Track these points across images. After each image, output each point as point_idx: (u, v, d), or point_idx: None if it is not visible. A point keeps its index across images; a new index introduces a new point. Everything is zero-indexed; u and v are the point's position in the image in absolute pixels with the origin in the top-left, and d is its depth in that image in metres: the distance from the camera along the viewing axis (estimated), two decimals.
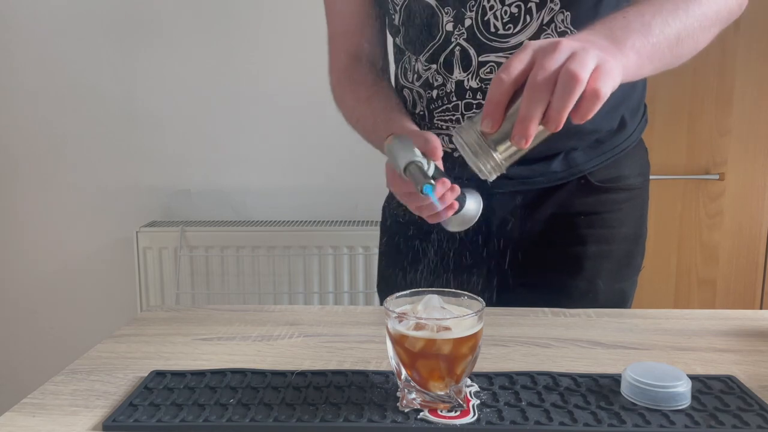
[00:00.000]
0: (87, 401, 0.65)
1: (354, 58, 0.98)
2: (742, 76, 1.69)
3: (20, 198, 2.07)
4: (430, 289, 0.65)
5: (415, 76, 0.93)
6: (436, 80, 0.90)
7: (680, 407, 0.61)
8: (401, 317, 0.61)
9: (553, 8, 0.83)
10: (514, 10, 0.83)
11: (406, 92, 0.97)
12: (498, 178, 0.77)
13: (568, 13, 0.84)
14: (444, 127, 0.92)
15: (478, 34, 0.85)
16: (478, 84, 0.86)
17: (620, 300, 0.99)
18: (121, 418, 0.60)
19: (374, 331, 0.84)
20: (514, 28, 0.84)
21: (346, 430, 0.59)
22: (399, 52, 0.98)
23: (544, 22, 0.84)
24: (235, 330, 0.85)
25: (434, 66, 0.89)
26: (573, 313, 0.91)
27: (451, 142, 0.91)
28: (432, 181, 0.68)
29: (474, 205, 0.77)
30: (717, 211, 1.75)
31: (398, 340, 0.61)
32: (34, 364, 2.11)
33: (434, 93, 0.91)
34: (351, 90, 0.95)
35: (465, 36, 0.85)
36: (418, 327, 0.60)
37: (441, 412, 0.61)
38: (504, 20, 0.83)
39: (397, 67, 1.00)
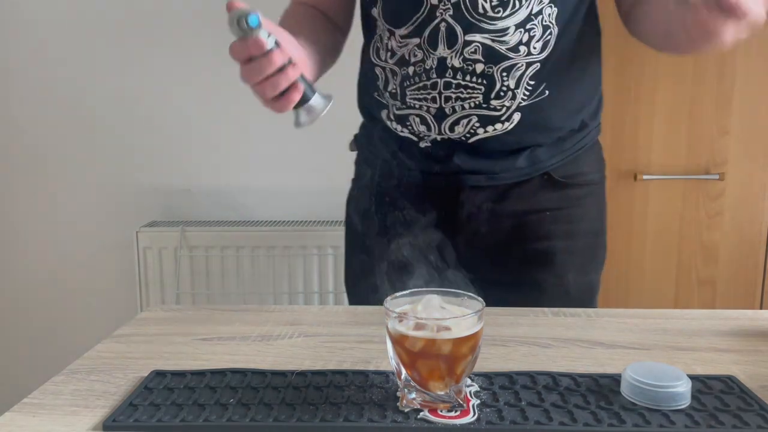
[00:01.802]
0: (87, 401, 0.65)
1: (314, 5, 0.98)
2: (742, 76, 1.69)
3: (20, 198, 2.07)
4: (429, 289, 0.66)
5: (389, 53, 0.91)
6: (415, 56, 0.88)
7: (680, 407, 0.61)
8: (401, 317, 0.61)
9: (542, 0, 0.84)
10: None
11: (378, 70, 0.95)
12: (466, 173, 0.84)
13: (555, 9, 0.85)
14: (417, 106, 0.90)
15: (465, 13, 0.84)
16: (460, 63, 0.85)
17: (589, 294, 1.01)
18: (121, 418, 0.60)
19: (374, 331, 0.84)
20: (503, 12, 0.84)
21: (346, 430, 0.59)
22: (370, 31, 0.96)
23: (533, 12, 0.84)
24: (235, 330, 0.85)
25: (416, 40, 0.87)
26: (573, 313, 0.91)
27: (422, 123, 0.91)
28: (258, 12, 0.67)
29: (322, 99, 0.76)
30: (717, 211, 1.75)
31: (398, 340, 0.61)
32: (34, 364, 2.11)
33: (410, 69, 0.89)
34: (289, 14, 0.95)
35: (451, 12, 0.84)
36: (418, 327, 0.60)
37: (441, 412, 0.61)
38: (493, 2, 0.83)
39: (368, 46, 0.97)
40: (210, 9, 1.91)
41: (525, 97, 0.87)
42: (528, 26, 0.85)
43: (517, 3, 0.84)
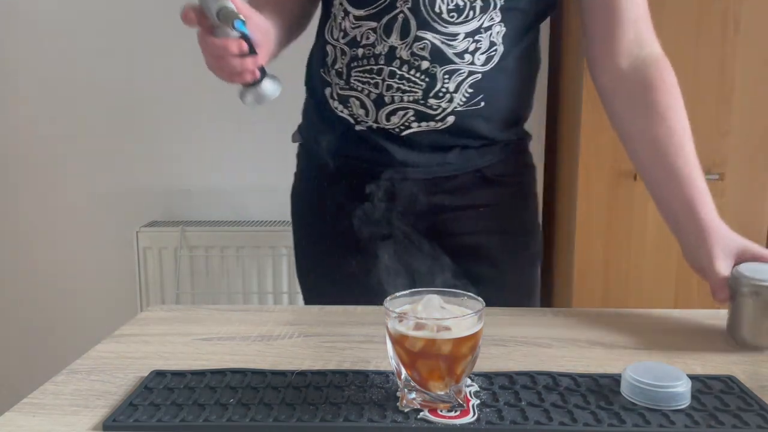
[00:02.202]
0: (87, 401, 0.65)
1: None
2: (742, 76, 1.69)
3: (20, 198, 2.07)
4: (429, 289, 0.66)
5: (341, 33, 0.94)
6: (367, 38, 0.91)
7: (680, 407, 0.61)
8: (401, 317, 0.61)
9: (493, 17, 0.89)
10: (460, 2, 0.87)
11: (329, 48, 0.97)
12: (399, 164, 0.92)
13: (504, 29, 0.90)
14: (359, 89, 0.93)
15: (423, 9, 0.87)
16: (408, 57, 0.89)
17: (527, 288, 1.04)
18: (121, 418, 0.60)
19: (374, 331, 0.84)
20: (456, 18, 0.88)
21: (346, 430, 0.59)
22: (327, 9, 0.98)
23: (484, 25, 0.89)
24: (235, 330, 0.85)
25: (371, 24, 0.90)
26: (573, 313, 0.91)
27: (361, 106, 0.93)
28: (243, 18, 0.72)
29: (273, 84, 0.80)
30: (717, 211, 1.75)
31: (398, 340, 0.61)
32: (34, 364, 2.11)
33: (359, 51, 0.92)
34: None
35: (410, 5, 0.88)
36: (418, 327, 0.60)
37: (441, 411, 0.61)
38: (449, 6, 0.87)
39: (323, 24, 0.99)
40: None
41: (461, 103, 0.91)
42: (477, 37, 0.89)
43: (471, 13, 0.88)
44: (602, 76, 0.94)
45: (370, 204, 0.96)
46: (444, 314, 0.62)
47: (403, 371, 0.61)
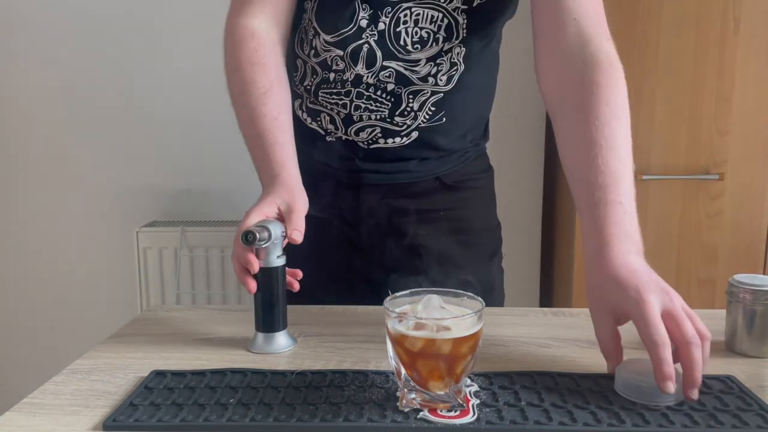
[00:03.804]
0: (87, 401, 0.65)
1: (262, 13, 0.91)
2: (742, 76, 1.69)
3: (20, 198, 2.07)
4: (429, 289, 0.66)
5: (312, 51, 0.96)
6: (337, 65, 0.94)
7: (672, 403, 0.61)
8: (401, 317, 0.61)
9: (453, 41, 0.92)
10: (425, 34, 0.90)
11: (299, 62, 0.99)
12: (364, 171, 0.98)
13: (464, 49, 0.93)
14: (328, 107, 0.97)
15: (388, 42, 0.91)
16: (374, 81, 0.93)
17: (488, 287, 1.05)
18: (121, 417, 0.60)
19: (374, 331, 0.84)
20: (420, 49, 0.91)
21: (346, 429, 0.59)
22: (298, 18, 0.96)
23: (444, 49, 0.92)
24: (235, 330, 0.85)
25: (339, 52, 0.93)
26: (573, 313, 0.91)
27: (331, 122, 0.97)
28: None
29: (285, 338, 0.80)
30: (717, 211, 1.74)
31: (398, 340, 0.61)
32: (34, 364, 2.11)
33: (331, 75, 0.95)
34: (247, 71, 0.89)
35: (376, 38, 0.91)
36: (418, 327, 0.60)
37: (441, 411, 0.61)
38: (413, 39, 0.91)
39: (293, 34, 0.99)
40: (211, 10, 1.91)
41: (425, 120, 0.96)
42: (438, 60, 0.92)
43: (434, 44, 0.91)
44: (546, 81, 0.86)
45: (334, 208, 1.00)
46: (444, 314, 0.62)
47: (403, 371, 0.61)
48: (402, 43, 0.91)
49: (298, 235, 0.76)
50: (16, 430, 0.60)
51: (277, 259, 0.77)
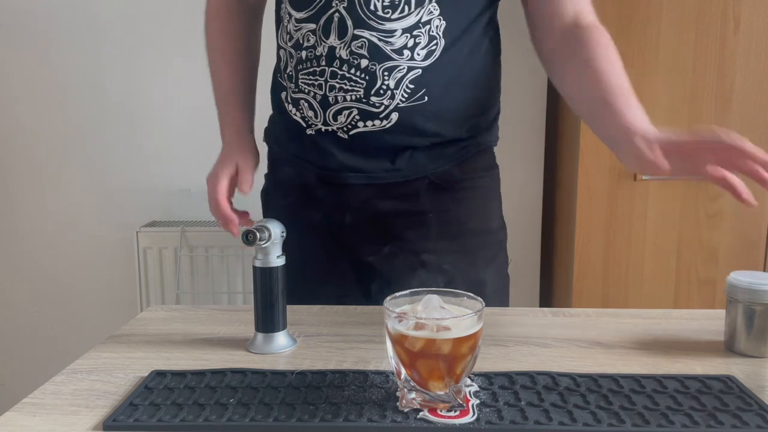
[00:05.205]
0: (87, 401, 0.65)
1: None
2: (742, 76, 1.69)
3: (20, 198, 2.07)
4: (429, 289, 0.66)
5: (288, 36, 0.95)
6: (308, 41, 0.92)
7: None
8: (401, 317, 0.61)
9: (432, 11, 0.89)
10: None
11: (281, 52, 0.98)
12: (347, 170, 0.95)
13: (444, 23, 0.89)
14: (306, 91, 0.93)
15: (358, 8, 0.88)
16: (347, 56, 0.89)
17: (478, 291, 1.01)
18: (121, 417, 0.60)
19: (374, 331, 0.84)
20: (392, 14, 0.88)
21: (345, 429, 0.59)
22: (278, 13, 0.99)
23: (422, 20, 0.88)
24: (235, 330, 0.85)
25: (310, 26, 0.91)
26: (573, 313, 0.91)
27: (310, 108, 0.94)
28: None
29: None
30: (717, 211, 1.75)
31: (398, 340, 0.61)
32: (34, 364, 2.11)
33: (303, 54, 0.92)
34: (223, 30, 1.12)
35: (345, 5, 0.88)
36: (418, 327, 0.60)
37: (441, 411, 0.61)
38: (384, 3, 0.87)
39: (277, 30, 1.00)
40: None
41: (403, 99, 0.90)
42: (415, 32, 0.89)
43: (406, 8, 0.87)
44: (544, 42, 0.95)
45: (319, 210, 0.98)
46: (444, 314, 0.62)
47: (403, 371, 0.61)
48: (372, 8, 0.87)
49: (246, 187, 0.97)
50: (16, 430, 0.60)
51: (277, 259, 0.77)
